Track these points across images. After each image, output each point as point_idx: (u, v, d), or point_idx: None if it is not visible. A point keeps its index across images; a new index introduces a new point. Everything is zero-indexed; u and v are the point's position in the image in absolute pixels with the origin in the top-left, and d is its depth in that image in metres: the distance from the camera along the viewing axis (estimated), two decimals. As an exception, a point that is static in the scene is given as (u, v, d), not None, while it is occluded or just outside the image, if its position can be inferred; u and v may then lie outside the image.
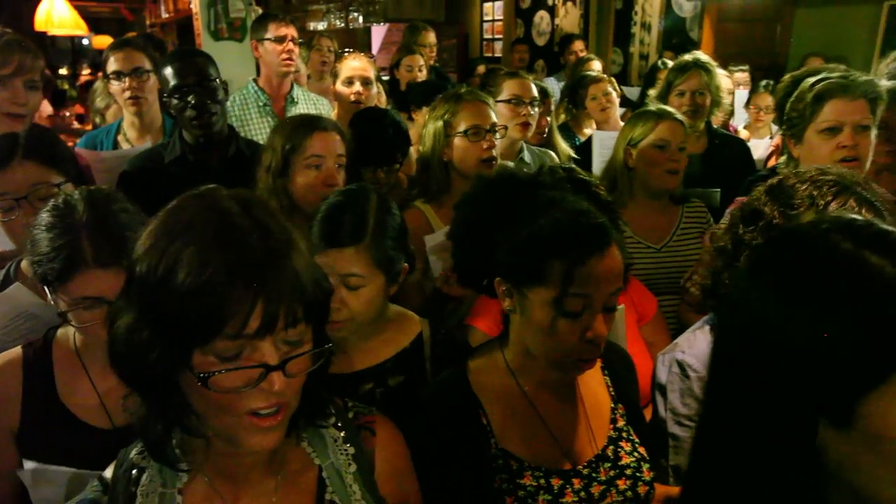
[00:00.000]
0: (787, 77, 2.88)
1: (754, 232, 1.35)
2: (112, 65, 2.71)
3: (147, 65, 2.73)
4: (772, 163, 3.42)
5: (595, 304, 1.19)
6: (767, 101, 4.19)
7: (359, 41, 8.62)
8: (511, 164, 2.34)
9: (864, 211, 1.31)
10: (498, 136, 2.24)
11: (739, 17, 5.57)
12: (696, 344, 1.49)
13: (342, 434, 1.03)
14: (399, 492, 1.06)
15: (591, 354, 1.22)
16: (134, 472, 0.92)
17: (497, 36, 9.28)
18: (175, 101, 2.29)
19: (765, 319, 0.73)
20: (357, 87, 3.18)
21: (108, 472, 0.94)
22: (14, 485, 1.30)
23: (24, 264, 1.62)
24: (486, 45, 9.59)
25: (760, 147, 3.82)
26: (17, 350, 1.39)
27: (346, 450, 1.02)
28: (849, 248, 0.70)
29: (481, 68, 6.50)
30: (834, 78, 2.08)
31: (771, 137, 4.06)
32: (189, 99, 2.25)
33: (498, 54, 9.07)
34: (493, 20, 9.38)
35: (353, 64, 3.26)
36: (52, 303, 1.32)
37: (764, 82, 4.35)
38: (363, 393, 1.46)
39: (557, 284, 1.16)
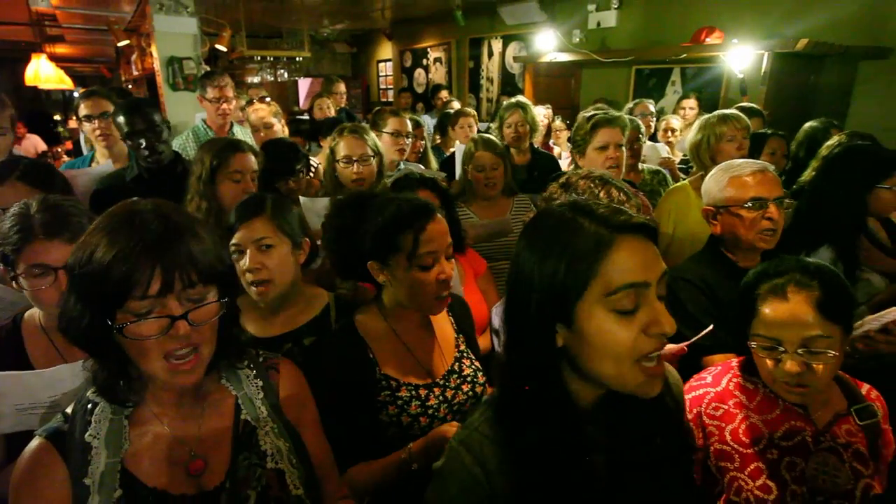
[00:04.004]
0: (580, 114, 3.03)
1: None
2: (83, 110, 2.49)
3: (111, 109, 2.50)
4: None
5: (439, 256, 1.20)
6: (561, 127, 4.41)
7: (288, 91, 8.32)
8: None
9: (620, 194, 1.37)
10: (374, 161, 2.18)
11: (547, 73, 5.78)
12: None
13: (253, 372, 0.99)
14: (299, 412, 1.02)
15: (444, 290, 1.22)
16: (89, 405, 0.86)
17: (389, 86, 9.24)
18: (130, 143, 2.18)
19: (523, 262, 0.77)
20: (261, 133, 3.06)
21: (69, 409, 0.87)
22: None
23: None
24: (381, 92, 9.53)
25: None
26: None
27: (256, 383, 0.98)
28: (569, 214, 0.76)
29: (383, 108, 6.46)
30: (601, 114, 2.19)
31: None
32: (141, 142, 2.13)
33: (391, 99, 9.02)
34: (386, 75, 9.33)
35: (252, 117, 3.11)
36: (13, 284, 1.18)
37: (558, 117, 4.54)
38: (284, 351, 1.40)
39: (410, 248, 1.17)
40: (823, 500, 1.10)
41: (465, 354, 1.37)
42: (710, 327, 1.39)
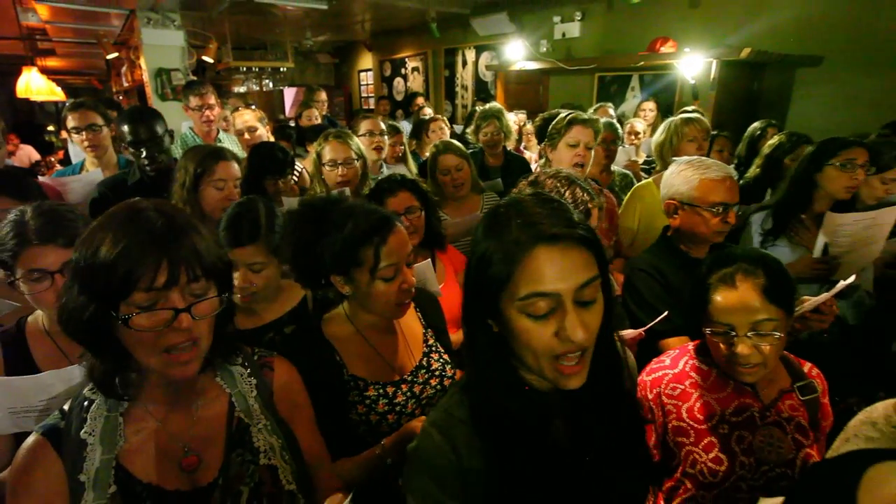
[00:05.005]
0: (538, 117, 3.03)
1: None
2: (70, 122, 2.35)
3: (99, 121, 2.39)
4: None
5: (400, 266, 1.15)
6: (532, 131, 4.39)
7: (275, 99, 8.18)
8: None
9: (584, 195, 1.37)
10: (357, 164, 2.15)
11: (517, 81, 5.78)
12: None
13: (247, 371, 0.95)
14: (293, 409, 0.98)
15: (407, 298, 1.18)
16: (85, 402, 0.82)
17: (370, 94, 9.13)
18: (132, 151, 2.12)
19: (472, 250, 0.77)
20: (246, 136, 2.98)
21: (66, 406, 0.84)
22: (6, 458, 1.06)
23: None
24: (363, 100, 9.41)
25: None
26: None
27: (250, 381, 0.94)
28: (506, 214, 0.75)
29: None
30: (579, 113, 2.13)
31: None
32: (142, 151, 2.08)
33: (372, 106, 8.91)
34: (367, 84, 9.22)
35: (238, 123, 3.04)
36: (12, 288, 1.13)
37: (529, 122, 4.54)
38: (267, 339, 1.38)
39: (371, 263, 1.12)
40: (769, 469, 1.12)
41: (433, 349, 1.33)
42: (665, 313, 1.41)
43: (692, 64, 3.84)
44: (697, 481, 1.15)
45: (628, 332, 1.38)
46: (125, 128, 2.09)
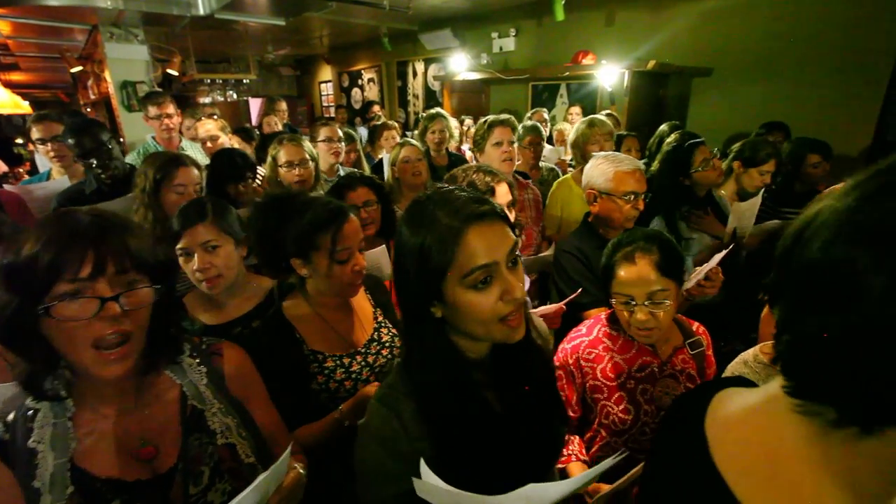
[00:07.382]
0: (479, 122, 3.03)
1: None
2: (35, 133, 2.17)
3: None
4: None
5: (353, 251, 1.16)
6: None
7: (240, 109, 7.79)
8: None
9: (486, 176, 1.38)
10: (311, 165, 2.09)
11: (462, 89, 5.78)
12: None
13: (197, 360, 0.88)
14: (246, 389, 0.92)
15: (359, 279, 1.19)
16: (30, 412, 0.73)
17: (330, 104, 8.87)
18: (83, 163, 1.97)
19: (400, 247, 0.75)
20: (209, 144, 2.82)
21: (10, 417, 0.74)
22: None
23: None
24: (325, 109, 9.13)
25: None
26: None
27: (200, 370, 0.87)
28: (429, 205, 0.74)
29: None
30: (494, 117, 2.15)
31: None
32: (92, 161, 1.94)
33: (332, 115, 8.65)
34: (328, 94, 8.96)
35: (201, 132, 2.87)
36: None
37: (473, 125, 4.55)
38: (235, 334, 1.31)
39: (328, 247, 1.12)
40: (667, 414, 1.19)
41: (382, 325, 1.32)
42: (580, 289, 1.46)
43: (609, 74, 3.95)
44: (611, 430, 1.21)
45: (551, 307, 1.41)
46: (70, 141, 1.95)
